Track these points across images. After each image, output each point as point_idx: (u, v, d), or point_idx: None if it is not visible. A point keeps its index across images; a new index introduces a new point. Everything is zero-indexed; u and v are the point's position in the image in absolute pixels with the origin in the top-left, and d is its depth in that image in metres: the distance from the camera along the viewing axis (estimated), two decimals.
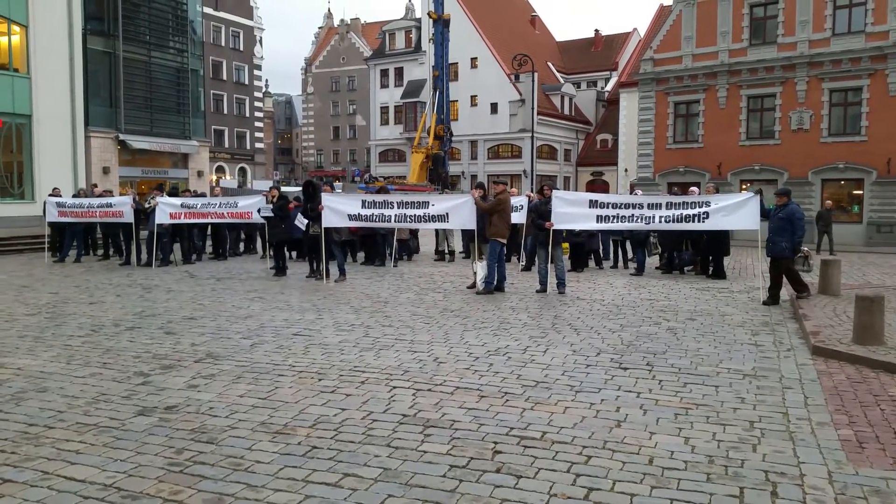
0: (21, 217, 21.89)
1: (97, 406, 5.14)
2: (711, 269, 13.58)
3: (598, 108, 52.51)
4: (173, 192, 16.74)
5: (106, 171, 26.61)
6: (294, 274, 13.49)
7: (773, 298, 10.25)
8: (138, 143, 27.68)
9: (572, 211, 10.96)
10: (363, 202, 11.98)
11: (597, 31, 58.27)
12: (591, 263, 15.46)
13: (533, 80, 37.97)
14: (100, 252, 17.55)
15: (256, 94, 65.30)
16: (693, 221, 10.87)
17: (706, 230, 11.84)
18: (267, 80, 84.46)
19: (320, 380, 5.80)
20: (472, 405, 5.11)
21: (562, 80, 53.05)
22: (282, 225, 13.27)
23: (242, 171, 62.61)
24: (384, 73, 56.76)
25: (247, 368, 6.18)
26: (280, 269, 13.45)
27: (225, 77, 59.74)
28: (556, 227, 10.81)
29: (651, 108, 31.93)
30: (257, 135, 65.09)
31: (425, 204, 11.61)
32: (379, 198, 12.37)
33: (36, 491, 3.67)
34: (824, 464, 4.06)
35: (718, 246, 13.30)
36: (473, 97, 49.30)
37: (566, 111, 50.69)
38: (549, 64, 53.96)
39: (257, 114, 65.12)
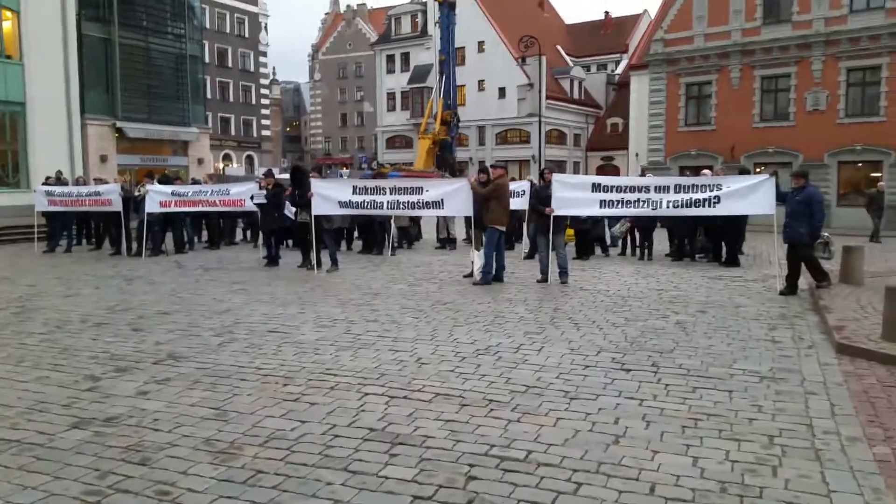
0: (15, 207, 21.40)
1: (30, 417, 4.57)
2: (725, 256, 12.89)
3: (609, 92, 51.44)
4: (164, 180, 16.16)
5: (103, 159, 26.12)
6: (287, 264, 12.90)
7: (790, 288, 9.56)
8: (136, 130, 27.15)
9: (574, 195, 10.26)
10: (354, 188, 11.37)
11: (607, 13, 57.12)
12: (598, 251, 14.77)
13: (540, 64, 37.03)
14: (94, 241, 17.05)
15: (262, 81, 64.66)
16: (704, 206, 10.12)
17: (718, 215, 11.01)
18: (274, 68, 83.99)
19: (285, 385, 5.20)
20: (450, 416, 4.50)
21: (571, 64, 52.00)
22: (275, 213, 12.67)
23: (249, 159, 62.05)
24: (390, 58, 55.91)
25: (207, 371, 5.59)
26: (272, 260, 12.88)
27: (230, 64, 59.14)
28: (556, 212, 10.14)
29: (662, 90, 31.03)
30: (264, 122, 64.52)
31: (419, 190, 10.97)
32: (371, 183, 11.74)
33: None
34: (859, 492, 3.42)
35: (734, 231, 12.58)
36: (481, 82, 48.42)
37: (576, 95, 49.71)
38: (559, 47, 52.87)
39: (263, 101, 64.52)
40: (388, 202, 11.11)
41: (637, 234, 14.30)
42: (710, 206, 10.05)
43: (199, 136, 30.17)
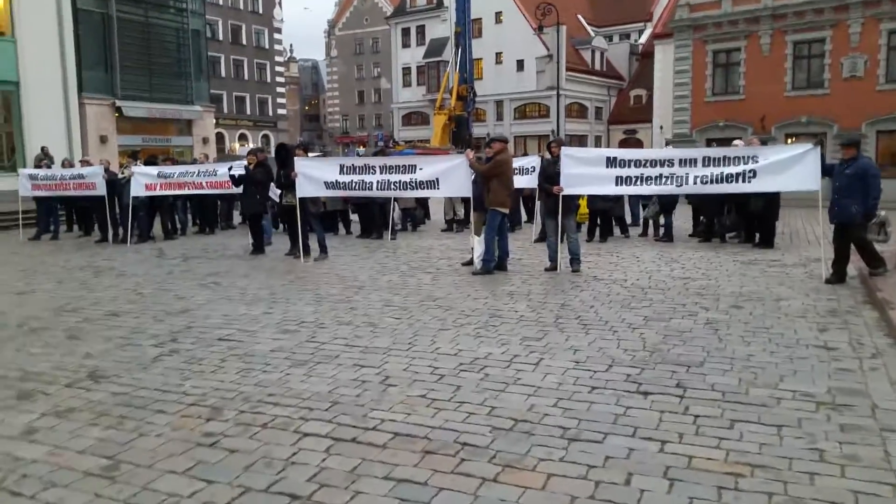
0: (9, 192, 20.62)
1: None
2: (758, 235, 11.58)
3: (632, 63, 49.48)
4: (150, 161, 15.18)
5: (103, 139, 25.21)
6: (275, 251, 11.87)
7: (838, 275, 8.29)
8: (136, 109, 26.16)
9: (586, 172, 8.98)
10: (341, 167, 10.23)
11: None
12: (616, 231, 13.50)
13: (559, 33, 35.39)
14: (83, 227, 16.16)
15: (278, 58, 63.44)
16: (737, 182, 8.76)
17: (755, 192, 9.56)
18: (291, 45, 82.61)
19: (208, 420, 4.12)
20: (403, 472, 3.39)
21: (592, 34, 50.13)
22: (257, 196, 11.60)
23: (266, 139, 61.08)
24: (405, 31, 54.45)
25: (124, 398, 4.54)
26: (258, 247, 11.82)
27: (244, 41, 58.02)
28: (566, 191, 8.92)
29: (687, 57, 29.25)
30: (279, 101, 63.39)
31: (412, 168, 9.77)
32: (359, 162, 10.60)
33: None
34: None
35: (770, 208, 11.22)
36: (498, 54, 46.83)
37: (597, 66, 47.91)
38: (579, 16, 50.96)
39: (279, 79, 63.31)
40: (378, 182, 9.95)
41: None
42: (744, 181, 8.71)
43: (202, 115, 29.13)
